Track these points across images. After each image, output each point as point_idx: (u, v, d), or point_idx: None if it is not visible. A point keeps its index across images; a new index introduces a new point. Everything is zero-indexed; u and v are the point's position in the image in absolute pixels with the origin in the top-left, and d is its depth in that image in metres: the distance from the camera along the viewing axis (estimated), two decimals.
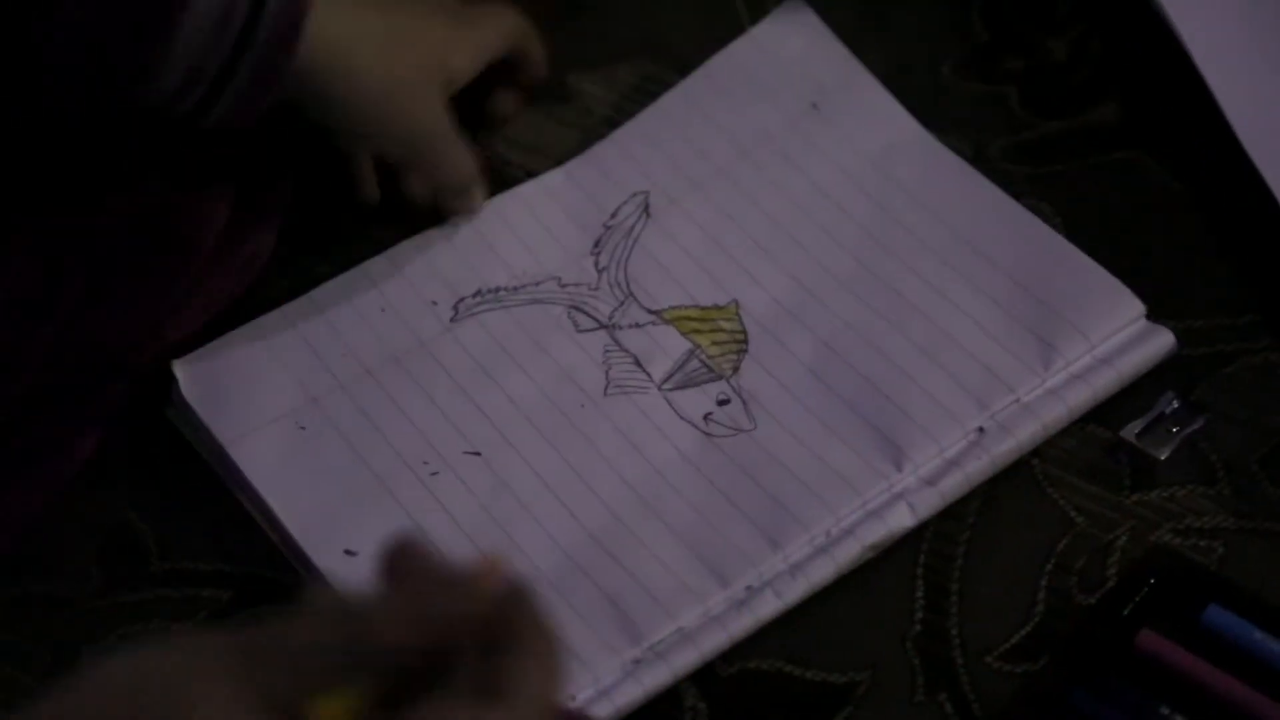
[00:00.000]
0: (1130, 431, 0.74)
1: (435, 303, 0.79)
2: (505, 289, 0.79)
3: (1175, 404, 0.74)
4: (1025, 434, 0.73)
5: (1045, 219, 0.81)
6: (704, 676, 0.69)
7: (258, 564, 0.73)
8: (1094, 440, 0.74)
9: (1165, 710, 0.65)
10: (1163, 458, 0.73)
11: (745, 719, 0.68)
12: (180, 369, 0.75)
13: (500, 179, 0.83)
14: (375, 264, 0.79)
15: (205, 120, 0.70)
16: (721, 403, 0.75)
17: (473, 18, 0.80)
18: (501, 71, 0.83)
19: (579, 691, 0.66)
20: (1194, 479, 0.73)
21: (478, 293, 0.79)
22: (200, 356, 0.76)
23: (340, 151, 0.81)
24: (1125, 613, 0.68)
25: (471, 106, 0.82)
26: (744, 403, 0.75)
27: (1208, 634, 0.67)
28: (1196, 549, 0.71)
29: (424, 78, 0.76)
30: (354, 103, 0.73)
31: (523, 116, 0.85)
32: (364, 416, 0.75)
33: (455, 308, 0.79)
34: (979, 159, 0.84)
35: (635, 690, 0.67)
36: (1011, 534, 0.72)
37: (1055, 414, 0.73)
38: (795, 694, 0.68)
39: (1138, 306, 0.76)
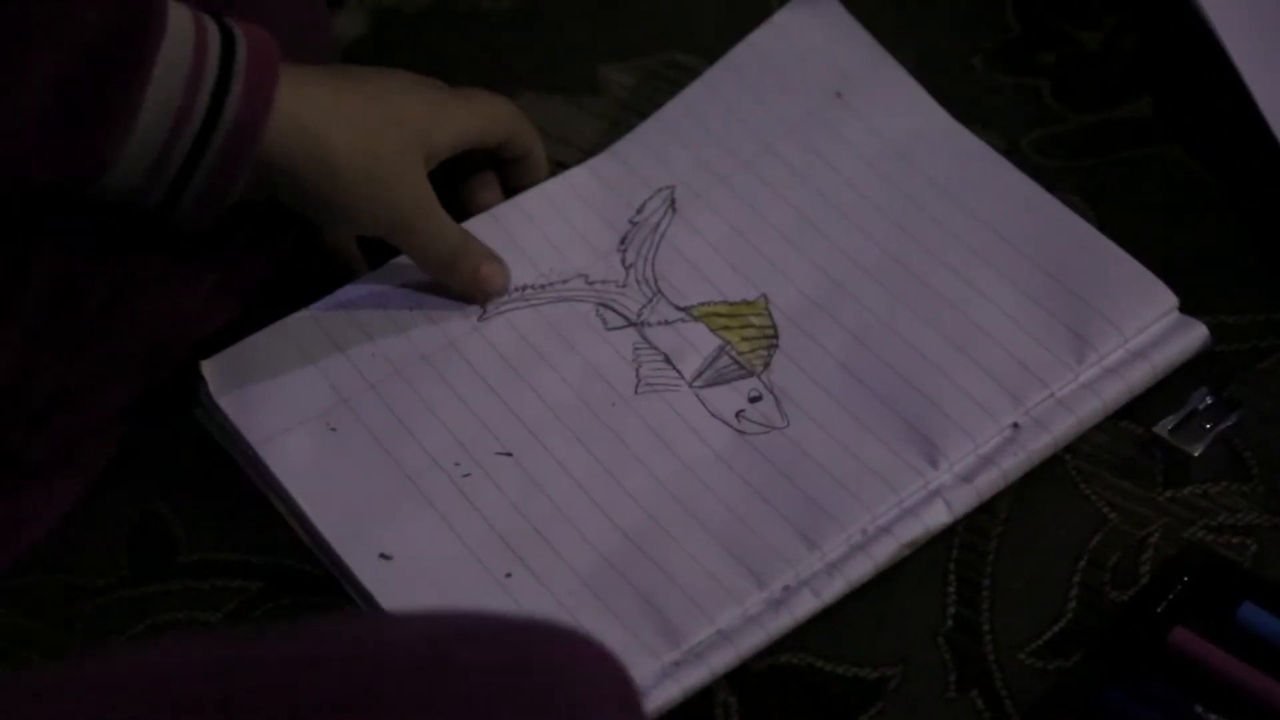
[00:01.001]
0: (1163, 427, 0.74)
1: None
2: (532, 287, 0.79)
3: (1208, 400, 0.74)
4: (1060, 429, 0.72)
5: (1077, 212, 0.80)
6: (735, 671, 0.68)
7: (286, 555, 0.73)
8: (1127, 436, 0.74)
9: (1199, 708, 0.65)
10: (1196, 454, 0.73)
11: (776, 714, 0.67)
12: (209, 369, 0.75)
13: None
14: (402, 262, 0.78)
15: (175, 212, 0.69)
16: (753, 399, 0.74)
17: (463, 97, 0.79)
18: (492, 162, 0.81)
19: None
20: (1227, 475, 0.73)
21: None
22: (228, 357, 0.75)
23: (321, 237, 0.80)
24: (1158, 610, 0.68)
25: (454, 189, 0.81)
26: (776, 399, 0.74)
27: (1241, 631, 0.67)
28: (1230, 546, 0.71)
29: (404, 154, 0.74)
30: (330, 186, 0.71)
31: (551, 110, 0.85)
32: (394, 417, 0.74)
33: (483, 306, 0.78)
34: (1011, 152, 0.83)
35: (674, 690, 0.66)
36: (1044, 530, 0.72)
37: (1090, 408, 0.73)
38: (826, 689, 0.68)
39: (1170, 299, 0.75)
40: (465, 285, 0.78)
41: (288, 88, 0.69)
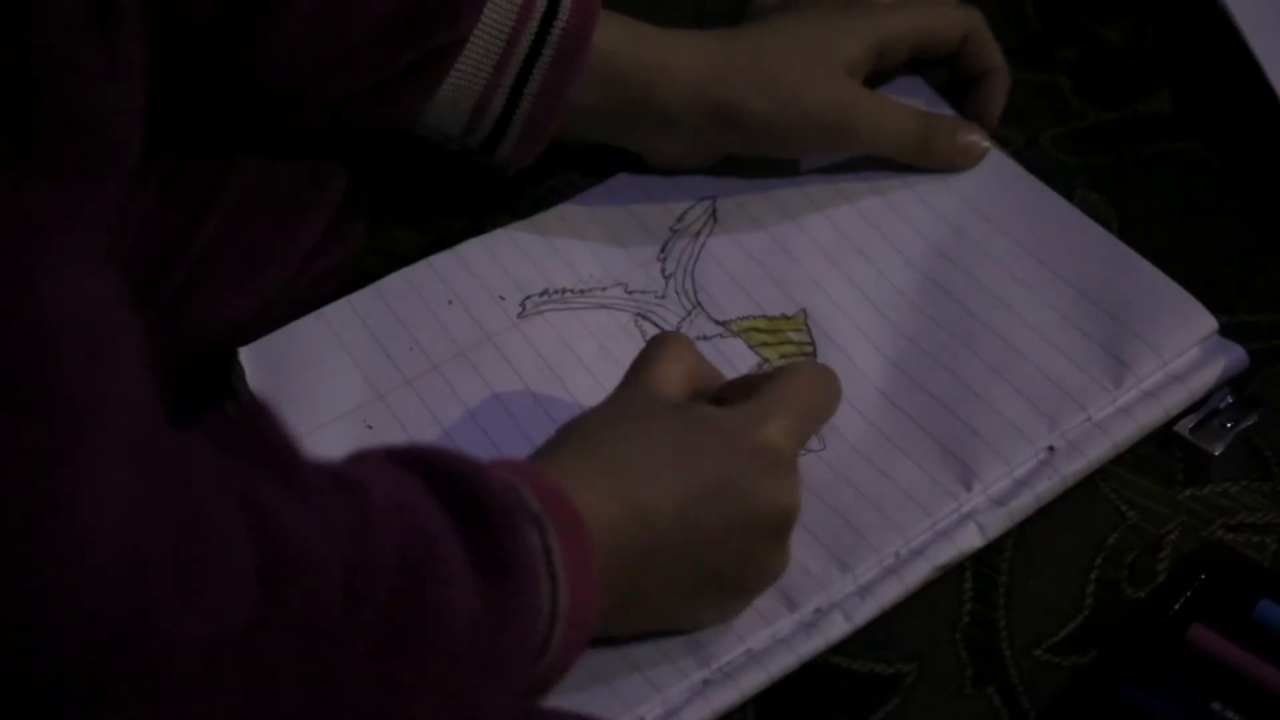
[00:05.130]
0: (1184, 426, 0.73)
1: (503, 298, 0.77)
2: (572, 291, 0.78)
3: (1230, 399, 0.74)
4: (1096, 453, 0.72)
5: (1097, 209, 0.80)
6: None
7: None
8: (1147, 435, 0.73)
9: (1216, 705, 0.65)
10: (1216, 453, 0.73)
11: (793, 710, 0.67)
12: (247, 357, 0.74)
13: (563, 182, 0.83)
14: (441, 259, 0.78)
15: (509, 125, 0.75)
16: None
17: (884, 7, 0.81)
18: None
19: (647, 712, 0.65)
20: (1248, 475, 0.72)
21: (544, 292, 0.78)
22: (266, 346, 0.75)
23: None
24: (1176, 607, 0.68)
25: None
26: None
27: (1259, 629, 0.67)
28: (1249, 545, 0.71)
29: (807, 65, 0.78)
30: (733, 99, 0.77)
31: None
32: (431, 416, 0.74)
33: (522, 304, 0.78)
34: (1031, 148, 0.83)
35: (704, 710, 0.66)
36: (1061, 527, 0.71)
37: (1126, 432, 0.72)
38: (843, 685, 0.68)
39: (1210, 323, 0.75)
40: (949, 161, 0.80)
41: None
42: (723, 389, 0.69)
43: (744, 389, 0.67)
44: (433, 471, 0.57)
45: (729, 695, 0.66)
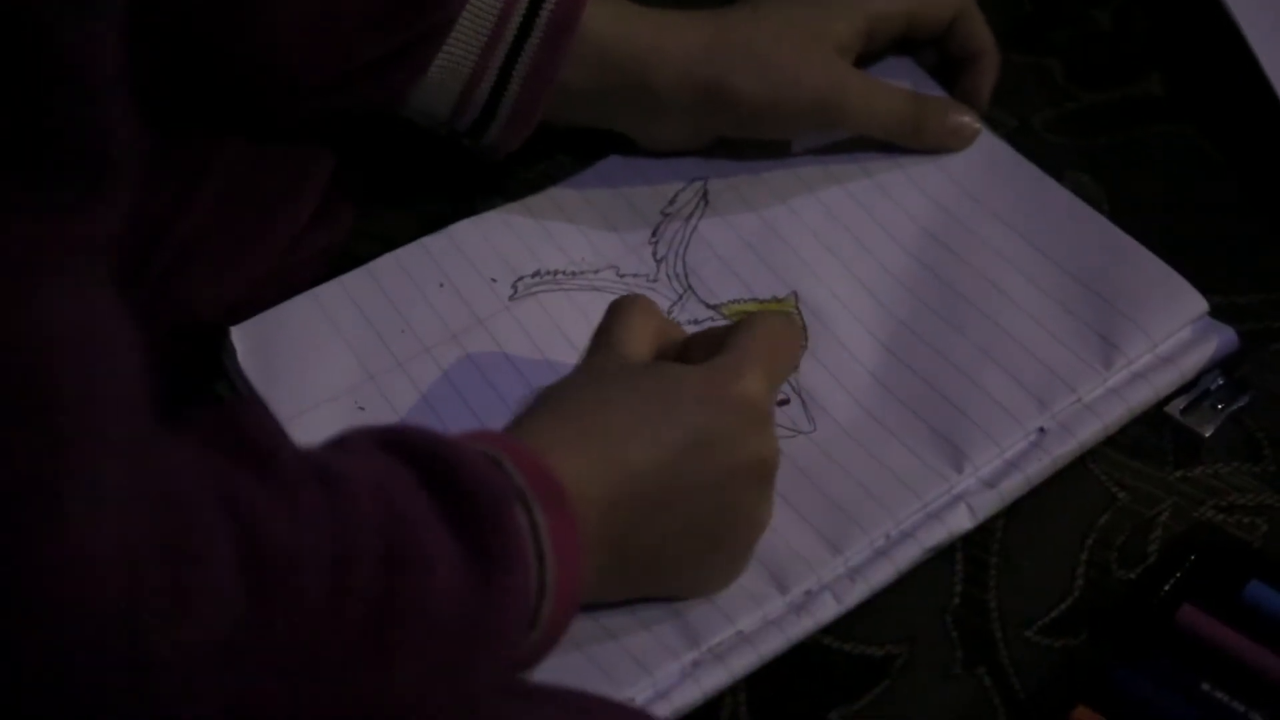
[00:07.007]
0: (1175, 408, 0.73)
1: (494, 280, 0.78)
2: (564, 273, 0.78)
3: (1220, 381, 0.74)
4: (1086, 434, 0.72)
5: (1088, 192, 0.80)
6: None
7: None
8: (1138, 416, 0.73)
9: (1205, 685, 0.65)
10: (1207, 434, 0.73)
11: (784, 691, 0.68)
12: (238, 337, 0.74)
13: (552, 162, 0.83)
14: (432, 240, 0.78)
15: (499, 106, 0.76)
16: (781, 403, 0.73)
17: None
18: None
19: (638, 693, 0.65)
20: (1238, 456, 0.73)
21: (536, 273, 0.78)
22: (257, 325, 0.75)
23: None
24: (1166, 588, 0.68)
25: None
26: (804, 403, 0.73)
27: (1249, 610, 0.67)
28: (1240, 526, 0.71)
29: (798, 45, 0.78)
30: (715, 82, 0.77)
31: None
32: (422, 399, 0.74)
33: (514, 286, 0.78)
34: (1022, 131, 0.83)
35: (694, 691, 0.66)
36: (1052, 508, 0.72)
37: (1116, 413, 0.72)
38: (834, 667, 0.68)
39: (1200, 304, 0.75)
40: (940, 143, 0.81)
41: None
42: (687, 345, 0.69)
43: (709, 344, 0.67)
44: (416, 455, 0.57)
45: (719, 676, 0.66)
